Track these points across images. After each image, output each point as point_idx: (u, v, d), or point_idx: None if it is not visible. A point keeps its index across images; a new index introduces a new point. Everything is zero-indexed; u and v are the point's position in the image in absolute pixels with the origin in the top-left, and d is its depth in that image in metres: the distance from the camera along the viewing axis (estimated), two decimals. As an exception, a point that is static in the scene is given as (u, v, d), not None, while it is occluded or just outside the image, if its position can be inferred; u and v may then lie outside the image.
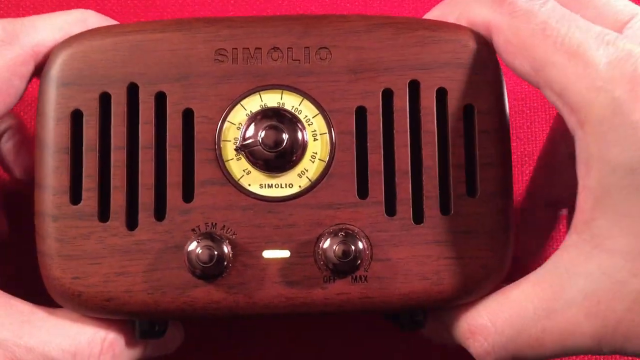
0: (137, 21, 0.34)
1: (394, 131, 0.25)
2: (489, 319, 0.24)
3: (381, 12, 0.35)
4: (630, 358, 0.29)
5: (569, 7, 0.24)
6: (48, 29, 0.25)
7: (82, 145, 0.24)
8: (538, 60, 0.23)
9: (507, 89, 0.33)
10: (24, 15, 0.34)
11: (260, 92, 0.25)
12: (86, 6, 0.34)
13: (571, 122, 0.23)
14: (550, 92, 0.23)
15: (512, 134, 0.33)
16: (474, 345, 0.24)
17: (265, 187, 0.24)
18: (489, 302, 0.24)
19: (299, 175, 0.25)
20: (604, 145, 0.22)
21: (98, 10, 0.34)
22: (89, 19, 0.26)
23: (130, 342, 0.26)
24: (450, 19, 0.26)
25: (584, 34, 0.22)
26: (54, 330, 0.24)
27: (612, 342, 0.22)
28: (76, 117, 0.24)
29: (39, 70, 0.25)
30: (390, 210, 0.24)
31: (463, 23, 0.26)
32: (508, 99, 0.33)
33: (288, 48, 0.25)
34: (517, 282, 0.24)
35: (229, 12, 0.35)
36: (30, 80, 0.26)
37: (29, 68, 0.25)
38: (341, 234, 0.23)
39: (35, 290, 0.26)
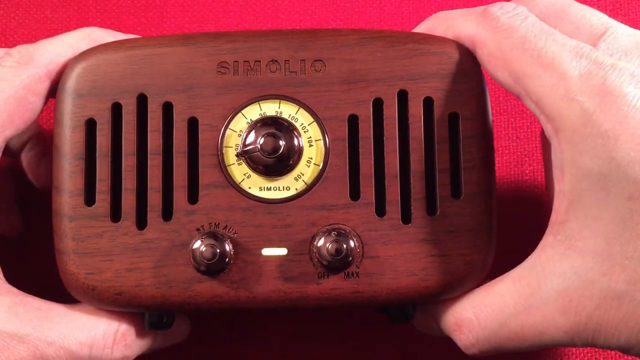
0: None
1: (384, 138, 0.27)
2: (474, 313, 0.25)
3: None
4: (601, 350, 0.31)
5: (548, 22, 0.26)
6: (58, 49, 0.28)
7: (95, 152, 0.26)
8: (517, 72, 0.25)
9: (507, 90, 0.35)
10: (23, 16, 0.36)
11: (260, 102, 0.27)
12: (86, 7, 0.36)
13: (547, 129, 0.24)
14: (529, 101, 0.25)
15: (512, 134, 0.34)
16: (460, 338, 0.26)
17: (264, 189, 0.26)
18: (474, 297, 0.26)
19: (296, 179, 0.27)
20: (576, 152, 0.23)
21: (98, 10, 0.36)
22: (93, 34, 0.28)
23: (140, 333, 0.28)
24: (438, 32, 0.28)
25: (559, 47, 0.24)
26: (71, 325, 0.26)
27: (583, 337, 0.24)
28: (90, 126, 0.27)
29: (56, 86, 0.27)
30: (380, 211, 0.26)
31: (449, 36, 0.27)
32: (508, 100, 0.35)
33: (285, 61, 0.27)
34: (499, 278, 0.26)
35: (229, 11, 0.36)
36: (47, 97, 0.28)
37: (45, 85, 0.27)
38: (334, 233, 0.25)
39: (42, 288, 0.28)
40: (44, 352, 0.25)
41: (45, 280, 0.31)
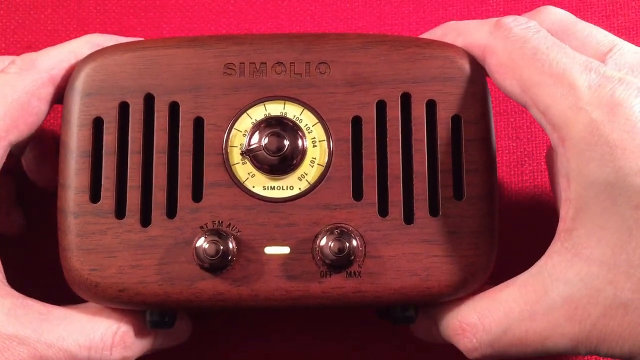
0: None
1: (387, 139, 0.28)
2: (478, 318, 0.27)
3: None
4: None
5: (556, 37, 0.27)
6: (61, 54, 0.30)
7: (102, 150, 0.28)
8: (526, 81, 0.26)
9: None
10: (23, 16, 0.38)
11: (265, 103, 0.29)
12: (86, 7, 0.38)
13: (553, 138, 0.26)
14: (535, 110, 0.26)
15: (512, 134, 0.36)
16: (463, 342, 0.27)
17: (268, 189, 0.28)
18: (479, 302, 0.27)
19: (299, 179, 0.28)
20: (582, 161, 0.25)
21: (98, 11, 0.37)
22: (95, 40, 0.30)
23: (141, 334, 0.29)
24: (448, 39, 0.30)
25: (570, 60, 0.26)
26: (70, 327, 0.27)
27: (587, 344, 0.25)
28: (97, 124, 0.28)
29: (61, 91, 0.29)
30: (383, 211, 0.28)
31: (459, 44, 0.29)
32: (508, 100, 0.37)
33: (291, 63, 0.29)
34: (505, 283, 0.27)
35: (229, 11, 0.38)
36: (52, 103, 0.30)
37: (48, 90, 0.29)
38: (337, 232, 0.27)
39: (42, 288, 0.30)
40: (44, 354, 0.27)
41: (46, 280, 0.32)
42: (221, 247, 0.27)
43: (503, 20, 0.28)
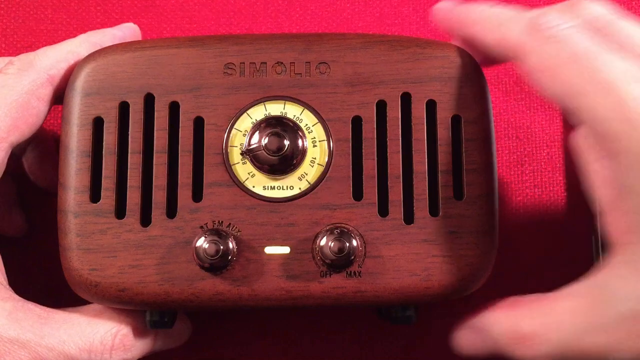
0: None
1: (387, 139, 0.28)
2: (538, 328, 0.26)
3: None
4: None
5: (595, 36, 0.26)
6: (59, 54, 0.30)
7: (102, 149, 0.28)
8: (568, 87, 0.25)
9: (506, 90, 0.37)
10: (23, 16, 0.38)
11: (265, 102, 0.29)
12: (86, 7, 0.38)
13: (602, 149, 0.25)
14: (578, 118, 0.26)
15: (512, 134, 0.36)
16: (522, 350, 0.26)
17: (268, 188, 0.28)
18: (536, 311, 0.27)
19: (299, 178, 0.29)
20: (638, 177, 0.24)
21: (98, 11, 0.38)
22: (91, 38, 0.31)
23: (140, 335, 0.29)
24: (476, 30, 0.28)
25: (616, 69, 0.25)
26: (71, 330, 0.28)
27: None
28: (97, 124, 0.29)
29: (60, 91, 0.30)
30: (383, 211, 0.28)
31: (490, 38, 0.28)
32: (508, 100, 0.38)
33: (291, 63, 0.29)
34: (560, 293, 0.26)
35: (228, 11, 0.38)
36: (51, 103, 0.30)
37: (47, 90, 0.29)
38: (337, 232, 0.27)
39: (43, 289, 0.30)
40: (44, 357, 0.27)
41: (46, 280, 0.32)
42: (221, 247, 0.27)
43: (541, 19, 0.27)
